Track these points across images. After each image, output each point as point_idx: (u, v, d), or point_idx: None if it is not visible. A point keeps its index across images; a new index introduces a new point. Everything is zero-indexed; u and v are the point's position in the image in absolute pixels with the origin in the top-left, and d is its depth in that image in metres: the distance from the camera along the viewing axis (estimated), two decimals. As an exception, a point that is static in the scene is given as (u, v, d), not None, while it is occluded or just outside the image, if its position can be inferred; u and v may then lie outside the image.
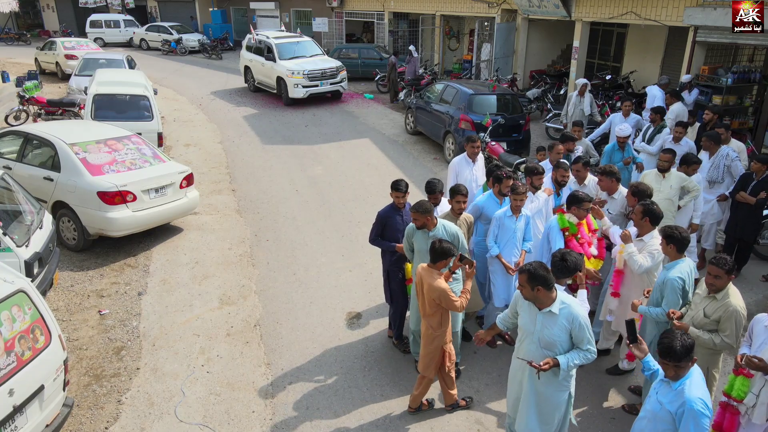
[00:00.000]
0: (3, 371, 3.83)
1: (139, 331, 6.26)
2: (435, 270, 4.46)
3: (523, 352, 3.80)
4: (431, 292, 4.41)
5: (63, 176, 7.63)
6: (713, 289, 3.94)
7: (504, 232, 5.54)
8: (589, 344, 3.61)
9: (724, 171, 7.06)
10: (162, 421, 4.97)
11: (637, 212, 4.87)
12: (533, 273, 3.54)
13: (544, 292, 3.56)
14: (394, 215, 5.62)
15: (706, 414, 3.01)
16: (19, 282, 4.16)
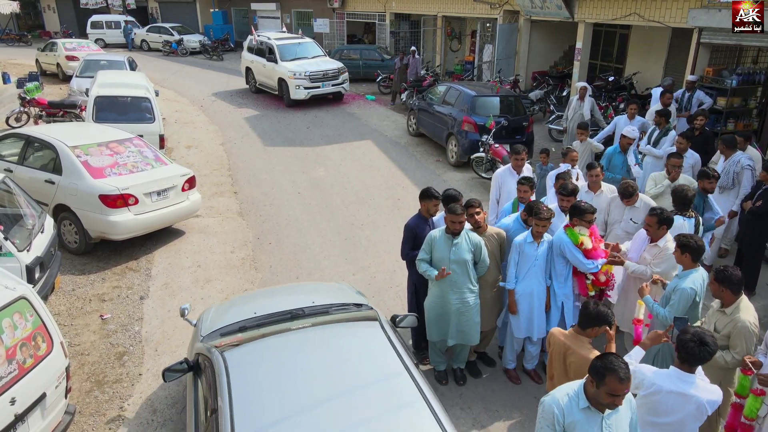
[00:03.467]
0: (4, 380, 3.78)
1: (141, 335, 6.22)
2: (585, 338, 3.70)
3: None
4: (584, 365, 3.42)
5: (64, 179, 7.58)
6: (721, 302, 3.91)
7: (525, 260, 5.10)
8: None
9: (734, 177, 6.98)
10: (165, 428, 4.93)
11: (651, 222, 4.79)
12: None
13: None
14: (424, 225, 5.35)
15: None
16: (21, 288, 4.12)
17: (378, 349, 3.66)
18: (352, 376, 3.43)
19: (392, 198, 10.04)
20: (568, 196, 5.44)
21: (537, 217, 4.96)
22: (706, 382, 3.37)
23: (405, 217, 5.64)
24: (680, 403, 3.24)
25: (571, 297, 5.20)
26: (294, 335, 3.81)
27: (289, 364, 3.57)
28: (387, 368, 3.48)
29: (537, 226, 4.99)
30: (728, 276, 3.83)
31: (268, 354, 3.68)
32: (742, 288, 3.88)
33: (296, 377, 3.43)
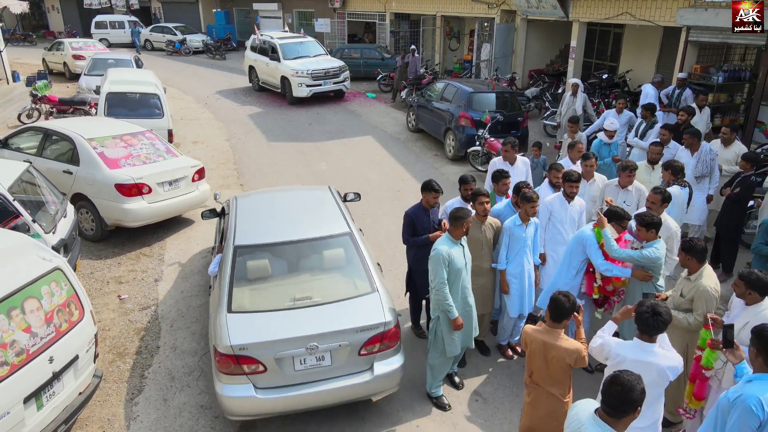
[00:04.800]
0: (44, 340, 4.21)
1: (157, 313, 6.65)
2: (560, 330, 3.89)
3: None
4: (566, 357, 3.82)
5: (82, 169, 8.01)
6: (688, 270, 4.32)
7: (515, 241, 5.48)
8: None
9: (710, 165, 7.37)
10: (184, 393, 5.35)
11: (655, 200, 5.22)
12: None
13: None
14: (422, 215, 5.62)
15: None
16: (56, 260, 4.55)
17: (325, 199, 6.18)
18: (308, 213, 5.87)
19: (392, 190, 10.47)
20: (575, 182, 5.77)
21: (527, 201, 5.33)
22: (668, 350, 3.75)
23: (404, 207, 5.93)
24: (643, 370, 3.51)
25: (576, 289, 5.39)
26: (277, 193, 7.06)
27: (272, 207, 6.18)
28: (327, 209, 5.92)
29: (525, 209, 5.35)
30: (693, 246, 4.27)
31: (261, 201, 6.42)
32: (705, 257, 4.31)
33: (275, 213, 5.94)
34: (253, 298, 4.90)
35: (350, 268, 5.23)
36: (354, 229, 5.53)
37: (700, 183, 7.38)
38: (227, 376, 4.47)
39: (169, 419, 5.04)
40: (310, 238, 5.33)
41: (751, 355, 3.27)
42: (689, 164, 7.30)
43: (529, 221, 5.49)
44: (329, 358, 4.62)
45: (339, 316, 4.68)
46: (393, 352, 4.82)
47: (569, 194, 5.81)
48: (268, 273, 5.11)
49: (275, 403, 4.52)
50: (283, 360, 4.50)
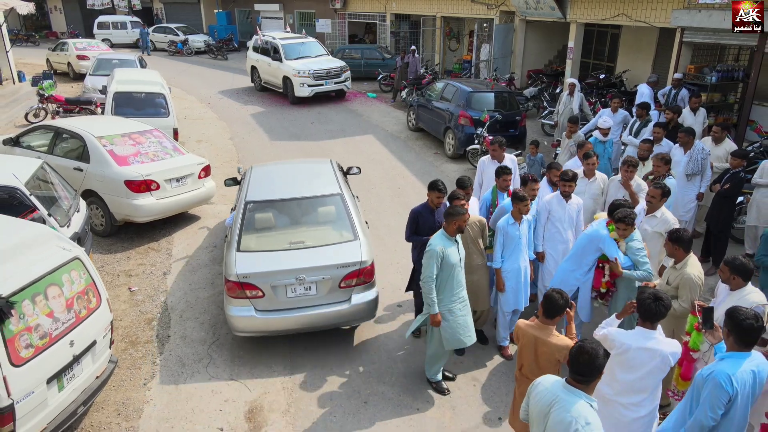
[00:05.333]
0: (65, 325, 4.46)
1: (167, 305, 6.89)
2: (551, 326, 4.03)
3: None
4: (555, 353, 3.95)
5: (92, 167, 8.25)
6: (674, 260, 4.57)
7: (509, 240, 5.63)
8: None
9: (701, 164, 7.60)
10: (194, 378, 5.60)
11: (655, 194, 5.51)
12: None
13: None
14: (427, 214, 5.71)
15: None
16: (76, 250, 4.79)
17: (325, 169, 7.20)
18: (308, 178, 6.95)
19: (393, 187, 10.71)
20: (569, 181, 5.93)
21: (518, 200, 5.49)
22: (663, 335, 3.98)
23: (405, 204, 6.15)
24: (647, 357, 3.76)
25: (589, 283, 5.53)
26: (286, 164, 8.24)
27: (279, 173, 7.35)
28: (325, 176, 6.96)
29: (518, 208, 5.52)
30: (681, 236, 4.52)
31: (271, 169, 7.58)
32: (691, 246, 4.55)
33: (281, 178, 7.11)
34: (258, 242, 6.03)
35: (338, 221, 6.31)
36: (345, 192, 6.59)
37: (690, 181, 7.60)
38: (234, 300, 5.63)
39: (180, 403, 5.29)
40: (306, 197, 6.51)
41: (724, 335, 3.51)
42: (681, 162, 7.54)
43: (522, 219, 5.63)
44: (315, 289, 5.69)
45: (324, 256, 5.77)
46: (368, 287, 5.89)
47: (565, 193, 5.96)
48: (271, 224, 6.27)
49: (270, 322, 5.66)
50: (277, 288, 5.61)
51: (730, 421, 3.44)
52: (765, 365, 3.48)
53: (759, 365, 3.44)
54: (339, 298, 5.77)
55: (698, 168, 7.54)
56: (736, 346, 3.44)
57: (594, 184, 6.79)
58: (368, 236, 6.27)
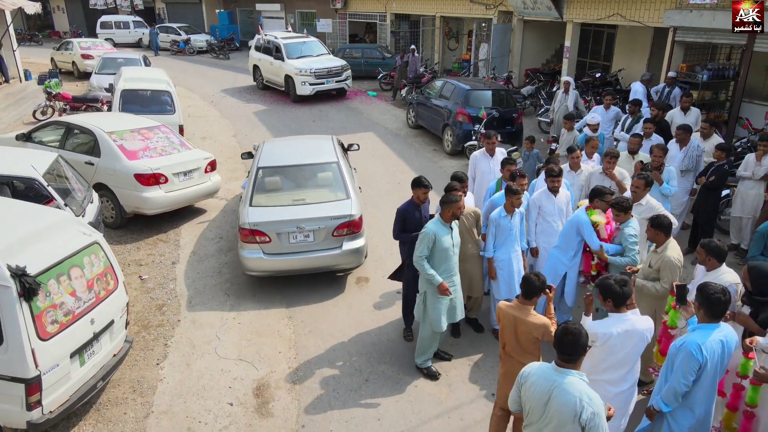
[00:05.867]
0: (87, 303, 4.77)
1: (176, 292, 7.21)
2: (528, 305, 4.22)
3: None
4: (533, 331, 4.14)
5: (103, 161, 8.56)
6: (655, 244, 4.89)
7: (501, 231, 5.84)
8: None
9: (696, 161, 7.89)
10: (204, 359, 5.91)
11: (639, 185, 5.86)
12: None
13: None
14: (413, 211, 5.84)
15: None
16: (95, 235, 5.10)
17: (326, 144, 8.32)
18: (311, 150, 8.33)
19: (392, 182, 11.03)
20: (556, 177, 6.20)
21: (511, 193, 5.74)
22: (638, 315, 4.17)
23: (404, 198, 6.25)
24: (627, 339, 3.99)
25: (575, 268, 5.89)
26: (293, 139, 10.33)
27: (287, 146, 8.81)
28: (325, 148, 8.14)
29: (510, 200, 5.76)
30: (660, 222, 4.83)
31: (280, 142, 9.28)
32: (670, 231, 4.86)
33: (288, 149, 8.46)
34: (267, 199, 7.25)
35: (334, 184, 7.53)
36: (341, 161, 7.79)
37: (684, 176, 7.87)
38: (246, 244, 6.86)
39: (191, 380, 5.60)
40: (308, 163, 7.85)
41: (695, 309, 3.82)
42: (677, 158, 7.82)
43: (514, 212, 5.87)
44: (312, 236, 6.92)
45: (321, 210, 6.99)
46: (356, 236, 7.10)
47: (552, 188, 6.21)
48: (278, 185, 7.53)
49: (275, 263, 6.91)
50: (281, 234, 6.82)
51: (701, 387, 3.75)
52: (733, 335, 3.79)
53: (727, 335, 3.74)
54: (332, 245, 6.97)
55: (693, 164, 7.82)
56: (706, 318, 3.74)
57: (580, 176, 7.10)
58: (359, 196, 7.56)
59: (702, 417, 3.88)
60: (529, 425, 3.45)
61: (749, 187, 7.39)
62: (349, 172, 7.80)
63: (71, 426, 4.99)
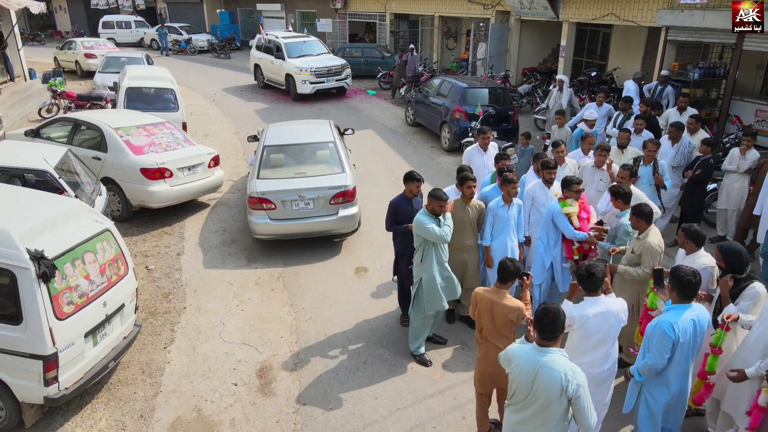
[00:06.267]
0: (99, 287, 5.04)
1: (182, 281, 7.48)
2: (504, 289, 4.42)
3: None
4: (509, 314, 4.32)
5: (110, 156, 8.83)
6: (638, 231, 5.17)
7: (498, 221, 6.02)
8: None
9: (688, 157, 8.14)
10: (209, 343, 6.18)
11: (624, 175, 6.15)
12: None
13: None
14: (405, 204, 6.05)
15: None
16: (106, 223, 5.37)
17: (324, 127, 9.38)
18: (310, 131, 9.35)
19: (391, 177, 11.29)
20: (552, 169, 6.47)
21: (508, 183, 5.97)
22: (612, 298, 4.34)
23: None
24: (603, 320, 4.18)
25: (559, 258, 6.14)
26: (294, 123, 11.41)
27: (289, 128, 9.70)
28: (323, 130, 9.19)
29: (507, 191, 5.99)
30: (642, 210, 5.10)
31: (283, 126, 10.01)
32: (652, 219, 5.13)
33: (290, 131, 9.40)
34: (272, 173, 8.27)
35: (331, 160, 8.51)
36: (337, 141, 8.82)
37: (675, 172, 8.11)
38: (255, 211, 7.86)
39: (197, 363, 5.87)
40: (308, 142, 8.85)
41: (668, 290, 4.07)
42: (669, 154, 8.07)
43: (512, 202, 6.10)
44: (312, 204, 7.91)
45: (319, 181, 8.01)
46: (350, 205, 8.11)
47: (548, 180, 6.47)
48: (282, 161, 8.53)
49: (280, 228, 7.90)
50: (285, 202, 7.80)
51: (675, 364, 3.99)
52: (705, 315, 4.04)
53: (699, 315, 3.99)
54: (330, 212, 7.98)
55: (684, 161, 8.06)
56: (679, 299, 3.99)
57: (565, 169, 7.34)
58: (353, 170, 8.50)
59: (677, 393, 4.13)
60: (514, 404, 3.66)
61: (734, 180, 7.66)
62: (344, 150, 8.81)
63: (84, 404, 5.25)
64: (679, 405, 4.24)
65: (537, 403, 3.50)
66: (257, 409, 5.27)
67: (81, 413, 5.14)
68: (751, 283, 4.33)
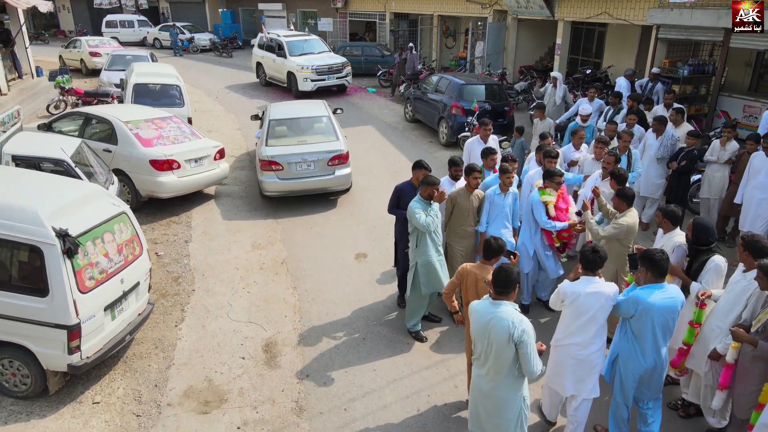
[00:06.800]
0: (117, 265, 5.42)
1: (190, 266, 7.86)
2: (488, 265, 4.71)
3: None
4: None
5: (120, 148, 9.21)
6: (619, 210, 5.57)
7: (494, 208, 6.32)
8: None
9: (671, 149, 8.51)
10: (217, 321, 6.57)
11: (609, 161, 6.55)
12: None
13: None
14: (410, 190, 6.29)
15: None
16: (123, 207, 5.76)
17: (318, 105, 11.16)
18: (307, 109, 11.05)
19: (390, 170, 11.68)
20: (554, 158, 6.83)
21: (503, 173, 6.32)
22: (604, 281, 4.62)
23: None
24: (594, 300, 4.43)
25: (540, 244, 6.48)
26: (292, 102, 13.06)
27: (289, 106, 11.34)
28: (318, 108, 11.03)
29: (503, 180, 6.32)
30: (625, 193, 5.48)
31: (283, 104, 11.60)
32: (632, 201, 5.52)
33: (290, 108, 11.04)
34: (278, 141, 9.91)
35: (327, 131, 10.27)
36: (331, 116, 10.63)
37: (660, 164, 8.48)
38: (265, 172, 9.48)
39: (207, 339, 6.25)
40: (307, 116, 10.56)
41: (642, 272, 4.35)
42: (653, 146, 8.44)
43: (507, 191, 6.42)
44: (313, 165, 9.59)
45: (318, 147, 9.72)
46: (345, 166, 9.86)
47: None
48: (285, 132, 10.14)
49: (286, 185, 9.54)
50: (290, 164, 9.43)
51: (647, 339, 4.25)
52: (677, 295, 4.25)
53: (672, 296, 4.22)
54: (327, 172, 9.67)
55: (668, 152, 8.42)
56: (652, 278, 4.25)
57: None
58: (345, 138, 10.21)
59: (651, 368, 4.36)
60: (477, 358, 4.05)
61: (715, 171, 8.04)
62: (337, 124, 10.51)
63: (102, 375, 5.64)
64: (654, 379, 4.46)
65: (493, 350, 3.86)
66: (264, 380, 5.65)
67: (100, 383, 5.53)
68: (711, 256, 4.71)
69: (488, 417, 4.08)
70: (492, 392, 3.99)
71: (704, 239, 4.76)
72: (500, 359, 3.86)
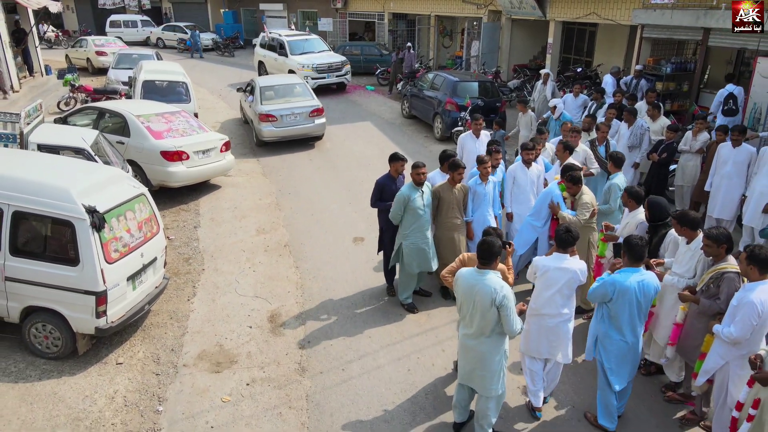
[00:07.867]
0: (138, 240, 6.02)
1: (200, 248, 8.46)
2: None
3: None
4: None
5: (132, 140, 9.81)
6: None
7: (477, 197, 6.85)
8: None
9: (639, 138, 9.08)
10: (226, 296, 7.17)
11: (559, 149, 7.17)
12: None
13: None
14: (390, 183, 6.77)
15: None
16: (142, 188, 6.36)
17: (295, 77, 15.42)
18: (290, 79, 15.00)
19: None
20: (530, 151, 7.30)
21: (479, 163, 6.87)
22: (576, 259, 5.13)
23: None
24: (561, 274, 4.91)
25: (546, 234, 6.90)
26: (277, 75, 17.39)
27: (274, 78, 15.49)
28: (298, 80, 14.90)
29: (481, 170, 6.88)
30: (573, 177, 6.13)
31: (270, 77, 16.33)
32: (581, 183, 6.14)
33: (276, 79, 15.11)
34: (269, 101, 13.19)
35: (306, 94, 13.85)
36: (305, 83, 14.35)
37: (631, 152, 9.09)
38: (263, 122, 12.82)
39: (217, 311, 6.85)
40: (290, 83, 14.09)
41: (622, 256, 4.80)
42: (624, 135, 9.07)
43: (487, 180, 6.97)
44: (299, 117, 13.16)
45: (302, 103, 13.35)
46: (321, 117, 13.46)
47: (526, 161, 7.36)
48: (274, 96, 13.41)
49: (280, 132, 12.97)
50: (282, 116, 12.92)
51: (624, 318, 4.63)
52: (652, 280, 4.65)
53: (646, 279, 4.62)
54: (309, 122, 13.27)
55: (637, 141, 9.05)
56: (630, 262, 4.64)
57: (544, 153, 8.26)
58: (318, 99, 13.72)
59: (631, 343, 4.75)
60: (462, 318, 4.62)
61: (688, 160, 8.64)
62: (309, 88, 14.27)
63: (124, 340, 6.23)
64: (632, 355, 4.83)
65: (477, 313, 4.39)
66: (269, 345, 6.25)
67: (122, 347, 6.13)
68: (668, 230, 5.32)
69: (474, 370, 4.62)
70: (478, 347, 4.54)
71: (658, 215, 5.37)
72: (485, 320, 4.40)
